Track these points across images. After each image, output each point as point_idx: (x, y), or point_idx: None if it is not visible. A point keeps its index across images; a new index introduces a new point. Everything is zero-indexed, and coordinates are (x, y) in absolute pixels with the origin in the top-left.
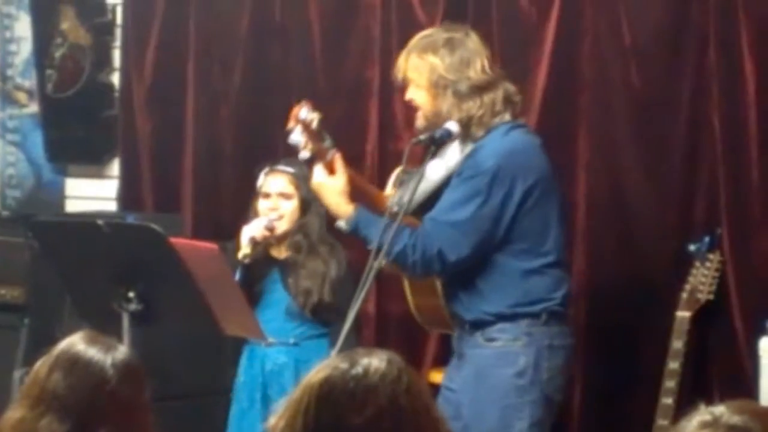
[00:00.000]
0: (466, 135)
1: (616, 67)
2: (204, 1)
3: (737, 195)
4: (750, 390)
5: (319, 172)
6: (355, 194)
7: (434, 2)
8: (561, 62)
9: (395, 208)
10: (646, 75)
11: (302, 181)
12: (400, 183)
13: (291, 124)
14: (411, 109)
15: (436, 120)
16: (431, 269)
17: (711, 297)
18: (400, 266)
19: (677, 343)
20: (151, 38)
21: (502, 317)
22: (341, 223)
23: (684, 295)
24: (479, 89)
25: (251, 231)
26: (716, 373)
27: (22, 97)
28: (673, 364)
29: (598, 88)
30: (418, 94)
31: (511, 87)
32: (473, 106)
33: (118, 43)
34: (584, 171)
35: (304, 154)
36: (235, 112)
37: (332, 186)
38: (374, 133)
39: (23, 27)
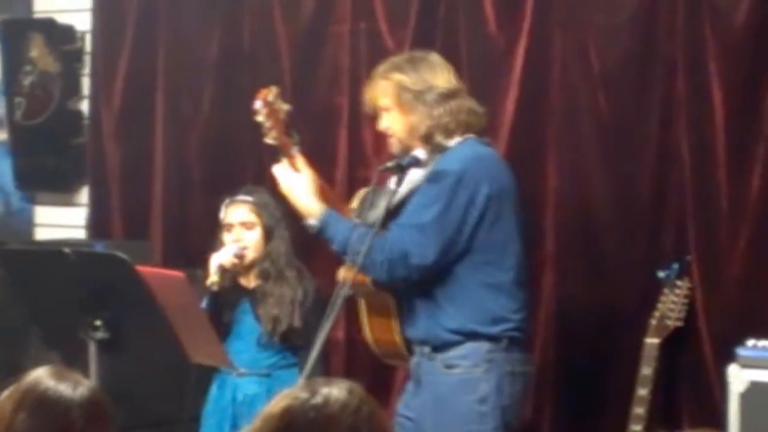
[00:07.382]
0: (431, 145)
1: (585, 94)
2: (173, 30)
3: (706, 222)
4: (719, 417)
5: (284, 168)
6: (322, 199)
7: (403, 29)
8: (529, 89)
9: (357, 221)
10: (614, 103)
11: (263, 208)
12: (363, 199)
13: (257, 103)
14: (381, 137)
15: (409, 139)
16: (395, 273)
17: (680, 324)
18: (365, 268)
19: (646, 370)
20: (121, 66)
21: (460, 334)
22: (311, 221)
23: (653, 321)
24: (446, 97)
25: (220, 258)
26: (685, 399)
27: None
28: (642, 391)
29: (566, 115)
30: (390, 118)
31: (473, 101)
32: (443, 113)
33: (87, 70)
34: (553, 198)
35: (268, 140)
36: (204, 140)
37: (300, 181)
38: (343, 161)
39: None
